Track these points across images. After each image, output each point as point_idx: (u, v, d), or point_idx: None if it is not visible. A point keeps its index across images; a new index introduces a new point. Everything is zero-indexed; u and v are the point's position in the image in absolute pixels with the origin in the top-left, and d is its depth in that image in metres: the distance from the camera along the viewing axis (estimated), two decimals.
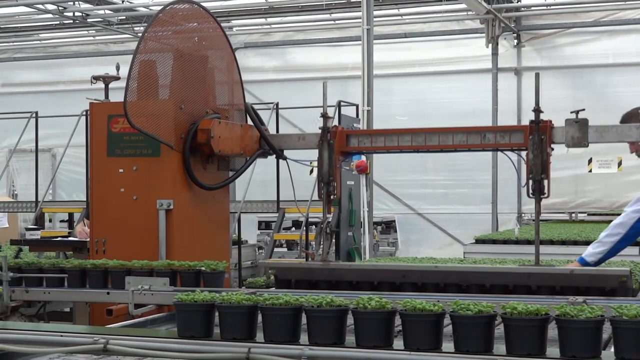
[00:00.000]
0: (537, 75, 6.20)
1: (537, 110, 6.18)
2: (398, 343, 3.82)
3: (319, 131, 6.82)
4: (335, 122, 12.24)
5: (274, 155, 7.64)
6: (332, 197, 6.78)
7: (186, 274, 6.02)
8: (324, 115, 6.79)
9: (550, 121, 6.28)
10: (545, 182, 6.18)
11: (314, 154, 6.99)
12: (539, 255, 6.29)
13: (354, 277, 6.30)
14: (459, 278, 6.02)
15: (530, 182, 6.17)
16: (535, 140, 6.14)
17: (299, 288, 6.28)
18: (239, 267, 11.21)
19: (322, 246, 6.67)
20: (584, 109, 6.37)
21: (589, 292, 5.62)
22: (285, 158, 7.54)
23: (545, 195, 6.20)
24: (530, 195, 6.21)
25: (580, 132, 6.27)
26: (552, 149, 6.29)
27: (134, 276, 5.88)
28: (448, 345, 3.76)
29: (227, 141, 7.14)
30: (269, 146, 7.42)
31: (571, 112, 6.33)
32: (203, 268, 6.00)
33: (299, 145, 7.37)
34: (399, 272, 6.21)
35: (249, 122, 7.60)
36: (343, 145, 6.82)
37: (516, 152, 6.59)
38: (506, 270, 6.18)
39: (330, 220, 6.86)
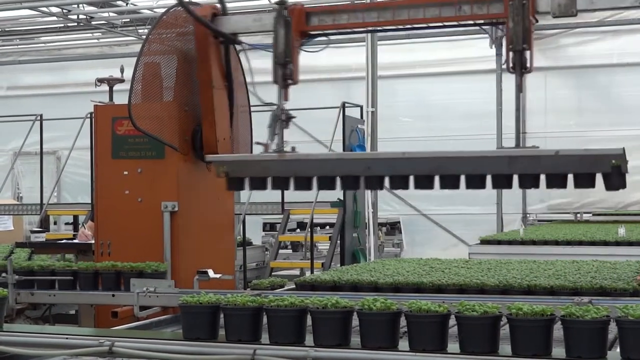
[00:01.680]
0: None
1: None
2: (403, 344, 3.82)
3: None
4: (340, 122, 12.27)
5: None
6: (289, 81, 6.06)
7: (129, 274, 6.11)
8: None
9: None
10: (528, 54, 5.41)
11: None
12: (520, 132, 5.73)
13: (314, 170, 5.79)
14: (430, 166, 5.49)
15: (511, 55, 5.42)
16: (516, 5, 5.40)
17: (254, 188, 5.90)
18: (244, 268, 11.21)
19: (277, 135, 6.02)
20: None
21: (578, 180, 5.26)
22: (239, 42, 6.80)
23: (528, 69, 5.44)
24: (511, 70, 5.47)
25: None
26: (536, 20, 5.58)
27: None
28: (453, 346, 3.75)
29: (225, 128, 7.06)
30: (219, 34, 6.65)
31: None
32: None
33: (253, 27, 6.58)
34: (363, 162, 5.73)
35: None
36: (302, 24, 6.10)
37: (496, 27, 5.90)
38: (484, 155, 5.51)
39: (285, 106, 6.16)
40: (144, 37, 7.05)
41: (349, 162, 5.81)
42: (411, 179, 5.55)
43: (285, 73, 6.03)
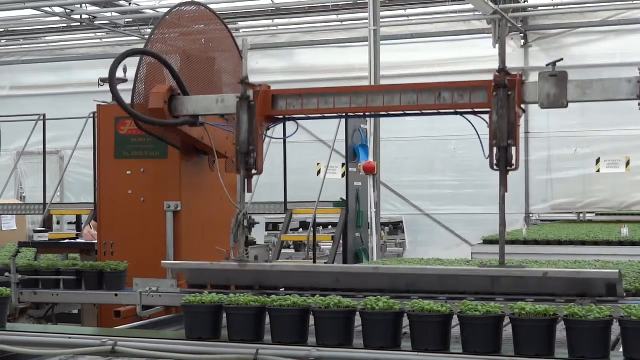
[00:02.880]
0: (504, 26, 5.43)
1: (503, 69, 5.06)
2: (406, 344, 3.82)
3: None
4: (343, 122, 12.26)
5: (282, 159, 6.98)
6: (252, 172, 5.61)
7: (89, 273, 6.17)
8: (243, 80, 5.62)
9: (521, 75, 5.14)
10: (514, 149, 4.97)
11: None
12: (504, 254, 5.17)
13: (276, 281, 5.44)
14: (404, 283, 5.08)
15: (495, 150, 4.99)
16: (500, 97, 4.92)
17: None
18: None
19: (238, 242, 5.67)
20: (561, 59, 5.30)
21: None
22: (201, 123, 6.30)
23: (513, 167, 4.99)
24: (495, 167, 5.01)
25: (557, 88, 5.05)
26: (523, 111, 5.14)
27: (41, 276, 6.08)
28: (456, 346, 3.75)
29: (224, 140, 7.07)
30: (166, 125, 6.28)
31: (547, 65, 5.19)
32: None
33: (216, 109, 6.05)
34: (332, 275, 5.36)
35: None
36: (268, 109, 5.56)
37: (478, 115, 5.35)
38: (466, 274, 5.13)
39: (246, 211, 5.77)
40: (147, 37, 7.05)
41: (316, 275, 5.42)
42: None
43: (248, 163, 5.54)
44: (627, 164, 15.89)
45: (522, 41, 17.20)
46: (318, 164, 16.31)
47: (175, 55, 6.96)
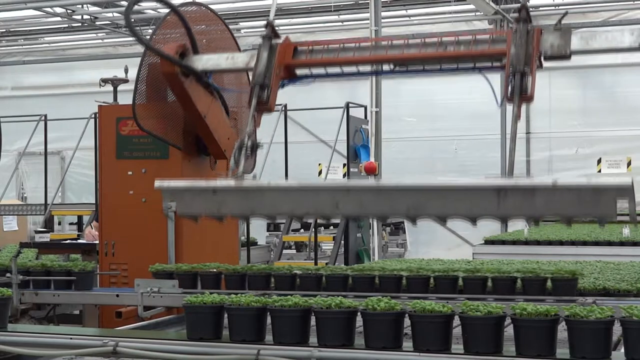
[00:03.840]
0: None
1: (524, 5, 5.08)
2: (407, 344, 3.82)
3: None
4: (344, 122, 12.26)
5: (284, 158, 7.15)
6: (263, 106, 5.41)
7: (58, 273, 6.21)
8: (269, 23, 5.60)
9: (540, 28, 5.11)
10: (529, 79, 4.91)
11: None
12: (514, 162, 4.91)
13: (273, 207, 4.94)
14: (410, 202, 4.61)
15: (510, 81, 4.95)
16: (520, 30, 4.95)
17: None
18: None
19: (240, 164, 5.22)
20: (566, 13, 5.45)
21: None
22: (209, 84, 6.40)
23: (528, 95, 4.93)
24: (509, 98, 4.96)
25: (561, 39, 5.13)
26: (540, 54, 5.08)
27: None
28: (457, 347, 3.75)
29: (226, 129, 7.07)
30: (188, 70, 6.18)
31: (555, 25, 5.23)
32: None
33: (225, 65, 6.02)
34: (332, 194, 4.86)
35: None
36: (288, 58, 5.52)
37: (498, 68, 5.36)
38: (470, 185, 4.68)
39: (251, 132, 5.40)
40: (149, 37, 7.05)
41: (319, 193, 4.98)
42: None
43: (261, 96, 5.37)
44: (629, 164, 15.88)
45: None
46: (319, 164, 16.32)
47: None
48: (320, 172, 16.17)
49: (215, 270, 5.91)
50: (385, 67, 5.63)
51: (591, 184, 4.37)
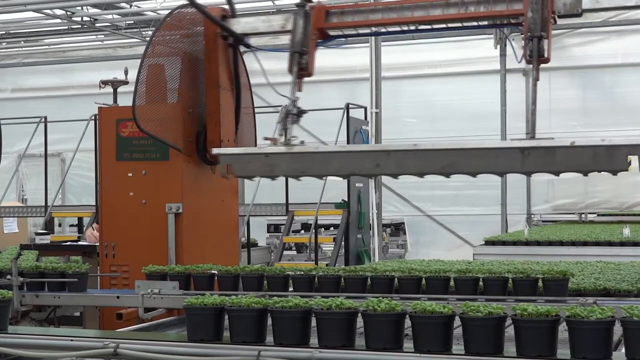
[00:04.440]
0: None
1: None
2: (408, 345, 3.82)
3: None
4: (344, 124, 12.27)
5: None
6: (303, 72, 5.94)
7: (52, 275, 6.22)
8: None
9: None
10: (546, 42, 5.26)
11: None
12: (535, 123, 5.40)
13: (322, 167, 5.53)
14: (444, 161, 5.25)
15: (528, 44, 5.29)
16: None
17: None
18: None
19: (286, 130, 5.72)
20: None
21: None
22: (249, 45, 6.75)
23: (545, 57, 5.27)
24: (528, 58, 5.30)
25: None
26: (555, 15, 5.43)
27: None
28: (458, 348, 3.75)
29: (230, 125, 7.08)
30: (228, 32, 6.63)
31: None
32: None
33: (262, 28, 6.55)
34: (376, 154, 5.50)
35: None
36: (321, 21, 5.96)
37: (515, 24, 5.80)
38: (498, 146, 5.45)
39: (296, 99, 5.95)
40: (148, 39, 7.05)
41: (359, 155, 5.56)
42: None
43: (301, 62, 5.88)
44: (629, 164, 15.88)
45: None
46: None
47: (176, 56, 6.97)
48: None
49: (208, 271, 5.92)
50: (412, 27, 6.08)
51: (605, 143, 4.94)
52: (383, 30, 6.09)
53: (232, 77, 7.01)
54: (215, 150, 5.91)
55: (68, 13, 17.41)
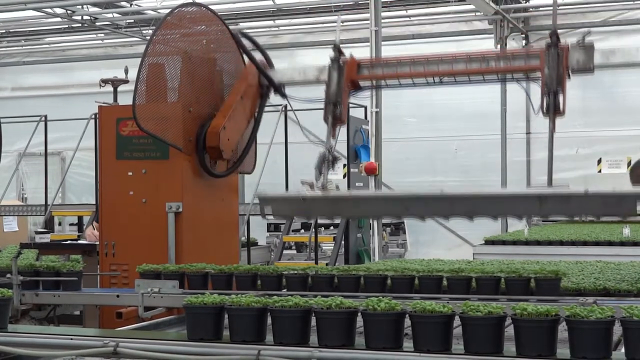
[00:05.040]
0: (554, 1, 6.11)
1: (554, 31, 6.00)
2: (408, 345, 3.82)
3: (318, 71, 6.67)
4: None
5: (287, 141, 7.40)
6: (338, 121, 6.43)
7: (46, 274, 6.23)
8: (336, 47, 6.56)
9: (568, 45, 6.04)
10: (561, 97, 5.78)
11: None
12: (552, 171, 5.81)
13: (355, 210, 6.11)
14: (468, 206, 5.59)
15: (545, 98, 5.77)
16: (551, 53, 5.84)
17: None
18: None
19: (323, 175, 6.22)
20: (589, 31, 6.23)
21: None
22: (285, 95, 7.12)
23: (561, 112, 5.78)
24: (545, 112, 5.78)
25: (585, 55, 6.07)
26: (569, 73, 5.95)
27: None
28: (458, 347, 3.75)
29: (235, 133, 7.10)
30: (268, 81, 7.02)
31: (578, 42, 6.13)
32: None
33: (298, 79, 7.01)
34: (402, 201, 5.89)
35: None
36: (354, 74, 6.48)
37: (533, 79, 6.21)
38: (518, 193, 5.76)
39: (331, 146, 6.47)
40: (148, 37, 7.06)
41: (390, 200, 6.05)
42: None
43: (336, 112, 6.35)
44: (629, 164, 15.87)
45: (524, 41, 17.20)
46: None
47: (176, 55, 6.97)
48: None
49: (202, 270, 5.93)
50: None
51: (616, 192, 5.26)
52: (409, 81, 6.55)
53: (256, 110, 7.28)
54: (258, 194, 6.40)
55: (68, 12, 17.42)
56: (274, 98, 7.17)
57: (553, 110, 5.74)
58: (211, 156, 7.02)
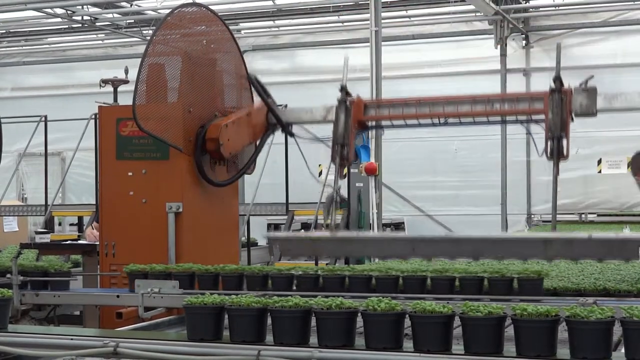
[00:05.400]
0: (558, 46, 6.28)
1: (558, 77, 6.19)
2: (408, 345, 3.82)
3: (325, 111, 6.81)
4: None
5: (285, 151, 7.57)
6: (344, 160, 6.53)
7: (33, 274, 6.27)
8: (343, 88, 6.70)
9: (571, 89, 6.17)
10: (565, 142, 5.93)
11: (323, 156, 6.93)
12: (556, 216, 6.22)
13: (363, 251, 6.31)
14: (473, 248, 5.73)
15: (549, 142, 5.95)
16: (555, 99, 5.98)
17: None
18: None
19: (331, 216, 6.44)
20: (592, 76, 6.34)
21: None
22: (292, 134, 7.29)
23: (565, 156, 5.94)
24: (549, 157, 5.96)
25: (588, 99, 6.15)
26: (573, 117, 6.08)
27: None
28: (458, 347, 3.75)
29: (237, 140, 7.12)
30: (276, 119, 7.19)
31: (580, 85, 6.23)
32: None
33: (305, 118, 7.20)
34: (409, 242, 6.03)
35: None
36: (360, 114, 6.62)
37: (536, 122, 6.40)
38: (523, 237, 6.12)
39: (339, 189, 6.62)
40: (149, 38, 7.06)
41: (398, 242, 6.20)
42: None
43: (343, 154, 6.46)
44: (629, 164, 15.87)
45: (524, 42, 17.20)
46: (319, 165, 16.33)
47: (176, 56, 6.97)
48: (320, 173, 16.17)
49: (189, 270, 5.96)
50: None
51: (619, 237, 5.44)
52: (415, 122, 6.66)
53: (260, 138, 7.42)
54: (269, 235, 7.02)
55: (68, 12, 17.42)
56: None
57: (557, 155, 5.90)
58: (210, 151, 6.99)
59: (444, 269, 5.83)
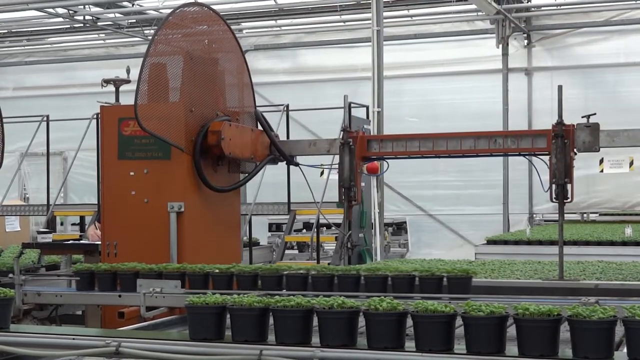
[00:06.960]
0: (559, 88, 6.32)
1: (560, 122, 6.28)
2: (410, 344, 3.82)
3: (330, 136, 6.93)
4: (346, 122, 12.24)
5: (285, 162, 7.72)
6: (352, 202, 6.78)
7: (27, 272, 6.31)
8: (345, 129, 6.94)
9: (573, 125, 6.31)
10: (569, 186, 6.16)
11: (325, 158, 7.02)
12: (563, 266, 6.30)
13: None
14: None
15: (553, 186, 6.17)
16: (558, 144, 6.15)
17: None
18: None
19: (342, 260, 6.65)
20: (594, 114, 6.38)
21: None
22: (296, 164, 7.58)
23: (569, 199, 6.16)
24: (554, 200, 6.21)
25: (591, 136, 6.30)
26: (575, 154, 6.28)
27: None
28: (460, 347, 3.75)
29: (238, 144, 7.15)
30: (280, 153, 7.47)
31: (582, 117, 6.34)
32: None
33: (309, 151, 7.45)
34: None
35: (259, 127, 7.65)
36: (364, 150, 6.83)
37: (539, 157, 6.64)
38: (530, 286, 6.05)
39: (351, 233, 6.96)
40: (150, 37, 7.06)
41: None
42: None
43: (350, 195, 6.71)
44: (631, 164, 15.87)
45: (525, 41, 17.18)
46: (321, 164, 16.32)
47: (178, 55, 6.97)
48: (322, 173, 16.17)
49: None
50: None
51: (625, 287, 5.60)
52: (419, 156, 6.98)
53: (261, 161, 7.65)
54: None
55: (70, 12, 17.42)
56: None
57: (562, 199, 6.13)
58: (211, 147, 6.99)
59: (376, 268, 5.89)
